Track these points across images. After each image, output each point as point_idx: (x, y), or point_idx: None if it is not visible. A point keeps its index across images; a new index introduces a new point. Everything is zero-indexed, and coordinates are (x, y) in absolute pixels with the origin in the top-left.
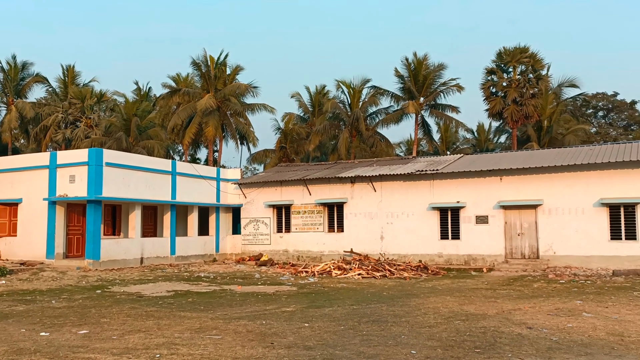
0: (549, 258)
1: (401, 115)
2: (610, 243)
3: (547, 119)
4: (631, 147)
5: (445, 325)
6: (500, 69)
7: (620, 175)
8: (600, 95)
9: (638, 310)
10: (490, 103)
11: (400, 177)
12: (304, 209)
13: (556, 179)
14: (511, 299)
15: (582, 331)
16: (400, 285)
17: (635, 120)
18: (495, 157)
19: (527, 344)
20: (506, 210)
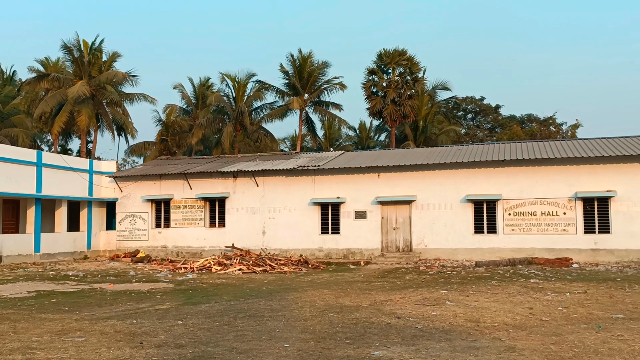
0: (421, 251)
1: (286, 110)
2: (474, 236)
3: (422, 119)
4: (494, 148)
5: (320, 318)
6: (381, 69)
7: (484, 174)
8: (469, 99)
9: (494, 298)
10: (371, 102)
11: (283, 172)
12: (185, 203)
13: (428, 176)
14: (384, 291)
15: (445, 319)
16: (281, 280)
17: (499, 123)
18: (374, 154)
19: (394, 333)
20: (383, 206)
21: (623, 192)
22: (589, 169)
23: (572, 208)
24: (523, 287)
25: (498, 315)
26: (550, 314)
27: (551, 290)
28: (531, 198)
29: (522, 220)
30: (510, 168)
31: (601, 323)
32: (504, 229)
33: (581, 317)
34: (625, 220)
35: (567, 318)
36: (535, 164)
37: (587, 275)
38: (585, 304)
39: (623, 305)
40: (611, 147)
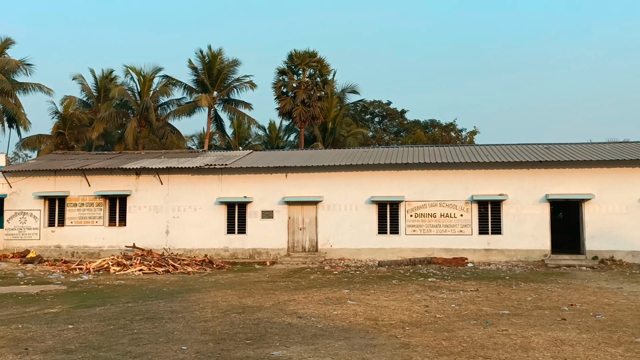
0: (327, 251)
1: (194, 107)
2: (377, 237)
3: (331, 121)
4: (398, 151)
5: (221, 319)
6: (291, 70)
7: (388, 176)
8: (377, 103)
9: (394, 296)
10: (281, 102)
11: (189, 170)
12: (82, 201)
13: (335, 177)
14: (288, 291)
15: (345, 317)
16: (183, 281)
17: (404, 127)
18: (282, 154)
19: (295, 333)
20: (290, 206)
21: (513, 195)
22: (483, 174)
23: (468, 210)
24: (421, 286)
25: (396, 313)
26: (444, 311)
27: (447, 289)
28: (431, 200)
29: (423, 222)
30: (413, 171)
31: (489, 319)
32: (405, 229)
33: (472, 314)
34: (514, 222)
35: (459, 315)
36: (436, 168)
37: (480, 274)
38: (476, 301)
39: (509, 302)
40: (504, 153)
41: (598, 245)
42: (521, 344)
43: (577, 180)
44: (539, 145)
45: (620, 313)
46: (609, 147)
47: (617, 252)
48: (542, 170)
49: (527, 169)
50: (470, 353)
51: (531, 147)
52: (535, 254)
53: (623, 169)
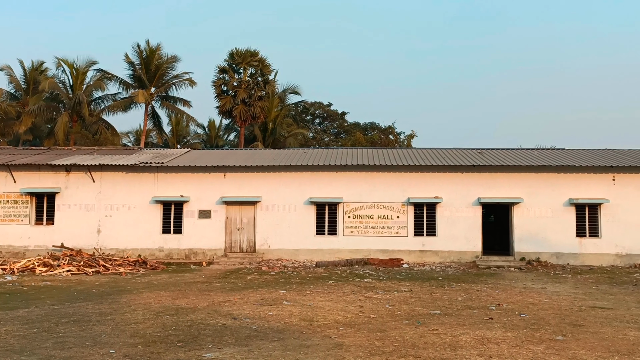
0: (264, 251)
1: (130, 103)
2: (315, 237)
3: (272, 121)
4: (338, 153)
5: (152, 321)
6: (232, 69)
7: (327, 177)
8: (318, 104)
9: (330, 297)
10: (221, 101)
11: (124, 167)
12: (7, 198)
13: (274, 177)
14: (224, 291)
15: (280, 318)
16: (114, 282)
17: (344, 129)
18: (221, 153)
19: (229, 334)
20: (228, 206)
21: (448, 198)
22: (420, 177)
23: (404, 212)
24: (357, 287)
25: (331, 314)
26: (378, 312)
27: (382, 289)
28: (369, 202)
29: (361, 223)
30: (352, 173)
31: (421, 319)
32: (343, 230)
33: (405, 314)
34: (448, 224)
35: (392, 315)
36: (374, 170)
37: (414, 275)
38: (410, 302)
39: (441, 302)
40: (440, 157)
41: (526, 247)
42: (450, 342)
43: (507, 185)
44: (473, 150)
45: (543, 312)
46: (537, 153)
47: (543, 253)
48: (475, 174)
49: (461, 172)
50: (402, 352)
51: (465, 152)
52: (467, 256)
53: (550, 175)
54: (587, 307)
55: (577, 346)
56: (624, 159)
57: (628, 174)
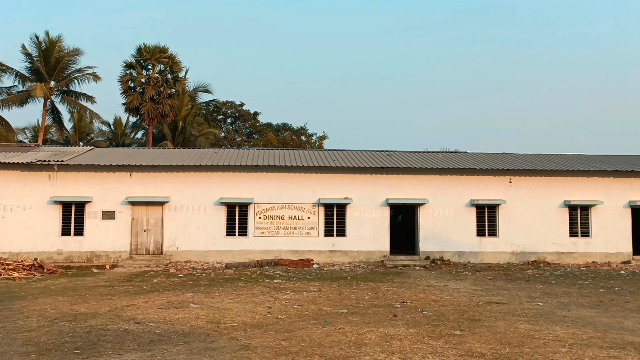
0: (172, 253)
1: (27, 97)
2: (225, 239)
3: (182, 119)
4: (249, 153)
5: (48, 328)
6: (140, 65)
7: (238, 178)
8: (230, 104)
9: (238, 298)
10: (128, 97)
11: (18, 166)
12: None
13: (183, 177)
14: (128, 295)
15: (186, 321)
16: (7, 287)
17: (257, 129)
18: (127, 152)
19: (131, 339)
20: (134, 206)
21: (357, 199)
22: (330, 178)
23: (315, 213)
24: (266, 288)
25: (239, 315)
26: (286, 312)
27: (291, 290)
28: (280, 203)
29: (271, 224)
30: (263, 173)
31: (328, 318)
32: (254, 231)
33: (312, 314)
34: (357, 225)
35: (300, 315)
36: (286, 171)
37: (324, 275)
38: (318, 302)
39: (349, 301)
40: (350, 159)
41: (430, 246)
42: (355, 340)
43: (413, 186)
44: (382, 152)
45: (444, 308)
46: (441, 156)
47: (446, 252)
48: (384, 176)
49: (370, 174)
50: (308, 352)
51: (375, 154)
52: (375, 255)
53: (453, 177)
54: (484, 303)
55: (473, 340)
56: (520, 162)
57: (523, 176)
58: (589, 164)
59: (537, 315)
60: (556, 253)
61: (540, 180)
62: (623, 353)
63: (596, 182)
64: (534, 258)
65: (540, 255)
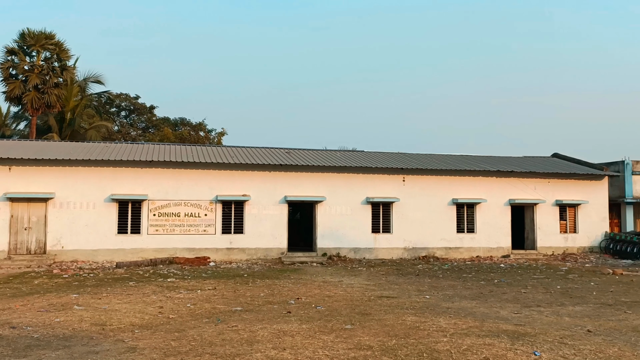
0: (57, 253)
1: None
2: (117, 237)
3: (70, 111)
4: (144, 148)
5: None
6: (23, 51)
7: (131, 173)
8: (124, 96)
9: (128, 299)
10: (9, 85)
11: None
12: None
13: (71, 172)
14: (4, 298)
15: (68, 325)
16: None
17: (153, 124)
18: (6, 144)
19: (4, 345)
20: (14, 203)
21: (256, 196)
22: (228, 174)
23: (212, 210)
24: (159, 287)
25: (127, 316)
26: (178, 312)
27: (185, 289)
28: (176, 200)
29: (167, 221)
30: (158, 169)
31: (221, 316)
32: (148, 229)
33: (205, 312)
34: (255, 222)
35: (192, 314)
36: (182, 167)
37: (220, 273)
38: (212, 300)
39: (244, 298)
40: (249, 155)
41: (327, 243)
42: (247, 338)
43: (312, 184)
44: (281, 150)
45: (337, 303)
46: (339, 155)
47: (342, 249)
48: (283, 173)
49: (269, 171)
50: (198, 351)
51: (274, 151)
52: (273, 252)
53: (350, 175)
54: (375, 297)
55: (363, 333)
56: (413, 162)
57: (416, 175)
58: (475, 165)
59: (423, 307)
60: (445, 248)
61: (431, 179)
62: (497, 340)
63: (481, 182)
64: (425, 253)
65: (430, 251)
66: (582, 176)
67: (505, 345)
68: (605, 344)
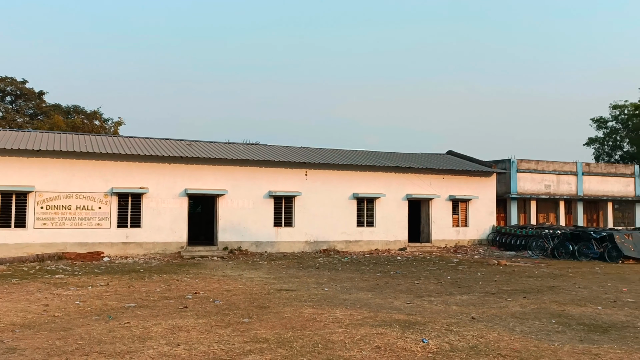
0: None
1: None
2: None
3: None
4: (30, 136)
5: None
6: None
7: (16, 163)
8: (9, 80)
9: (9, 297)
10: None
11: None
12: None
13: None
14: None
15: None
16: None
17: (42, 110)
18: None
19: None
20: None
21: (154, 189)
22: (125, 166)
23: (107, 203)
24: (45, 284)
25: (7, 315)
26: (65, 309)
27: (74, 285)
28: (67, 191)
29: (56, 214)
30: (47, 159)
31: (113, 313)
32: (34, 222)
33: (96, 309)
34: (154, 215)
35: (81, 312)
36: (74, 157)
37: (114, 268)
38: (104, 296)
39: (138, 294)
40: (148, 147)
41: (229, 236)
42: (140, 334)
43: (214, 177)
44: (182, 142)
45: (235, 297)
46: (242, 148)
47: (244, 242)
48: (183, 166)
49: (169, 163)
50: (85, 350)
51: (174, 143)
52: (172, 247)
53: (253, 168)
54: (275, 290)
55: (260, 326)
56: (315, 156)
57: (318, 170)
58: (375, 160)
59: (321, 299)
60: (345, 242)
61: (333, 174)
62: (389, 329)
63: (380, 177)
64: (326, 247)
65: (331, 244)
66: (473, 173)
67: (397, 334)
68: (486, 330)
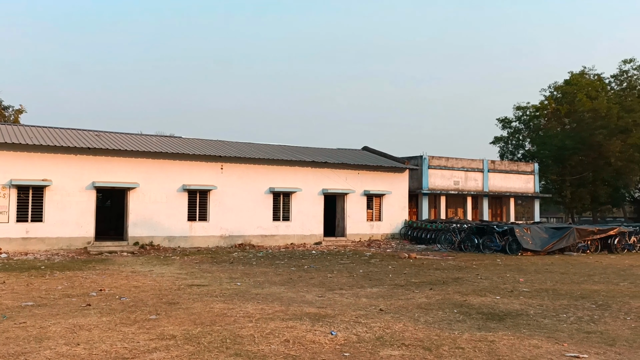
0: None
1: None
2: None
3: None
4: None
5: None
6: None
7: None
8: None
9: None
10: None
11: None
12: None
13: None
14: None
15: None
16: None
17: None
18: None
19: None
20: None
21: (59, 181)
22: (26, 157)
23: (6, 196)
24: None
25: None
26: None
27: None
28: None
29: None
30: None
31: (8, 313)
32: None
33: None
34: (58, 209)
35: None
36: None
37: (12, 265)
38: None
39: (37, 292)
40: (52, 137)
41: (140, 231)
42: (37, 334)
43: (124, 169)
44: (90, 132)
45: (144, 294)
46: (155, 140)
47: (156, 237)
48: (91, 157)
49: (75, 154)
50: None
51: (82, 133)
52: (78, 242)
53: (166, 161)
54: (186, 286)
55: (168, 323)
56: (231, 150)
57: (234, 163)
58: (292, 155)
59: (233, 294)
60: (261, 236)
61: (249, 168)
62: (299, 323)
63: (297, 171)
64: (241, 241)
65: (246, 239)
66: (387, 169)
67: (306, 327)
68: (393, 321)
